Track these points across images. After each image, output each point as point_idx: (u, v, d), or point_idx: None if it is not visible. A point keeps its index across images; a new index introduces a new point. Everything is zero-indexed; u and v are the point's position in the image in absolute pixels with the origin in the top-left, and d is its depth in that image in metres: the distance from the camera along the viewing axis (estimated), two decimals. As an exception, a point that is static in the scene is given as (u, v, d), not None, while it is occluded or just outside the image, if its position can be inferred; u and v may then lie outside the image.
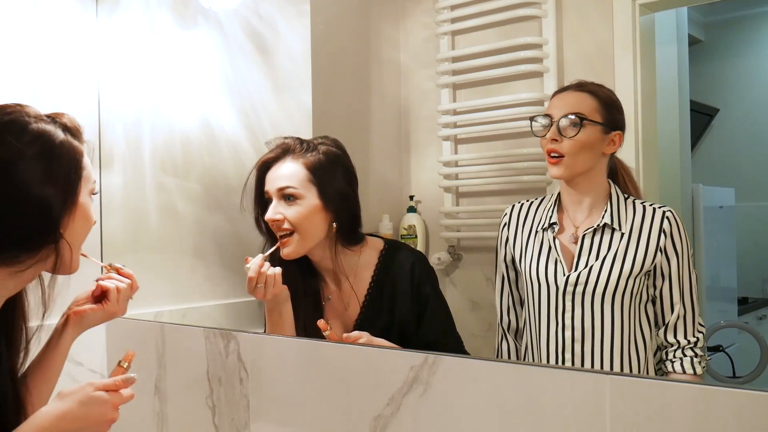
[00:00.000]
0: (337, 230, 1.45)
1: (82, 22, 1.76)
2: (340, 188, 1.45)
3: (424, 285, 1.47)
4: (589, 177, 1.38)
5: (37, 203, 1.00)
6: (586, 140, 1.35)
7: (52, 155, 1.02)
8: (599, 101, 1.36)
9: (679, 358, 1.32)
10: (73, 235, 1.05)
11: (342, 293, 1.49)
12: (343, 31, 2.00)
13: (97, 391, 1.01)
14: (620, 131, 1.37)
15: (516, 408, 1.07)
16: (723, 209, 1.78)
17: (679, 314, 1.33)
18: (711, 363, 1.38)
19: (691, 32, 1.69)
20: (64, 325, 1.21)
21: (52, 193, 1.01)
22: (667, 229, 1.31)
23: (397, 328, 1.45)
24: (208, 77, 1.87)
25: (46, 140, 1.02)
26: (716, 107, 1.85)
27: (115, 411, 1.03)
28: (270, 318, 1.45)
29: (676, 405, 0.92)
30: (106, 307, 1.24)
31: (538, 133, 1.39)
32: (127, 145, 1.82)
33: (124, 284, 1.26)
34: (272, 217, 1.43)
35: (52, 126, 1.04)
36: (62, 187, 1.02)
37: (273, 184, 1.44)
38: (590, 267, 1.33)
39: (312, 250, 1.47)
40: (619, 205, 1.36)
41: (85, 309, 1.22)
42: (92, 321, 1.24)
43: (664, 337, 1.34)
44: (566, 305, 1.35)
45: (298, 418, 1.36)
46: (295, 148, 1.46)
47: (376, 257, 1.49)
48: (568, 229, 1.40)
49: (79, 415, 0.99)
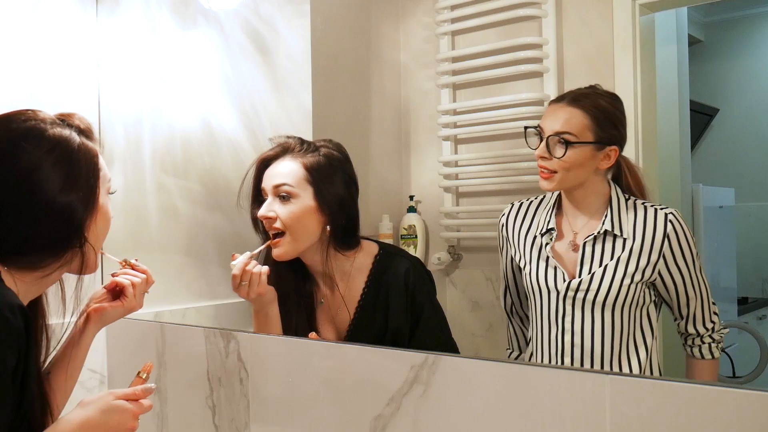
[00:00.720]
0: (331, 234, 1.42)
1: (82, 22, 1.76)
2: (337, 192, 1.43)
3: (419, 293, 1.43)
4: (585, 187, 1.35)
5: (60, 210, 1.00)
6: (576, 160, 1.30)
7: (71, 161, 1.02)
8: (592, 118, 1.30)
9: (698, 345, 1.35)
10: (95, 236, 1.06)
11: (335, 297, 1.47)
12: (343, 31, 2.00)
13: (117, 400, 1.04)
14: (616, 146, 1.32)
15: (516, 408, 1.07)
16: (723, 209, 1.78)
17: (695, 308, 1.33)
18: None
19: (691, 32, 1.69)
20: (85, 322, 1.23)
21: (74, 199, 1.02)
22: (672, 234, 1.29)
23: (390, 336, 1.42)
24: (208, 77, 1.87)
25: (64, 147, 1.02)
26: (716, 107, 1.85)
27: (135, 420, 1.05)
28: (257, 319, 1.44)
29: (676, 405, 0.92)
30: (125, 303, 1.25)
31: (531, 144, 1.36)
32: (127, 145, 1.82)
33: (139, 279, 1.27)
34: (264, 213, 1.41)
35: (68, 130, 1.04)
36: (83, 191, 1.03)
37: (269, 181, 1.43)
38: (593, 273, 1.32)
39: (304, 252, 1.44)
40: (620, 210, 1.33)
41: (105, 306, 1.24)
42: (112, 317, 1.26)
43: (684, 328, 1.35)
44: (566, 309, 1.34)
45: (298, 418, 1.36)
46: (295, 147, 1.44)
47: (370, 262, 1.46)
48: (567, 235, 1.37)
49: (100, 422, 1.01)
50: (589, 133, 1.30)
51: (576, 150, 1.30)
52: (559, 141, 1.30)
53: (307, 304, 1.49)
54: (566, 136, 1.30)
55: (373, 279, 1.45)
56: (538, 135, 1.34)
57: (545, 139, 1.32)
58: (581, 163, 1.31)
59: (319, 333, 1.48)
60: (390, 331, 1.42)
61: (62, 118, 1.06)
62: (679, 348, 1.41)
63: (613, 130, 1.32)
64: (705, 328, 1.34)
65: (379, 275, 1.45)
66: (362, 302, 1.45)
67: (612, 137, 1.32)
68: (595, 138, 1.30)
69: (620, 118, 1.34)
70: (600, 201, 1.35)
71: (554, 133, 1.31)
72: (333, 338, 1.48)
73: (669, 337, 1.46)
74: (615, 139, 1.32)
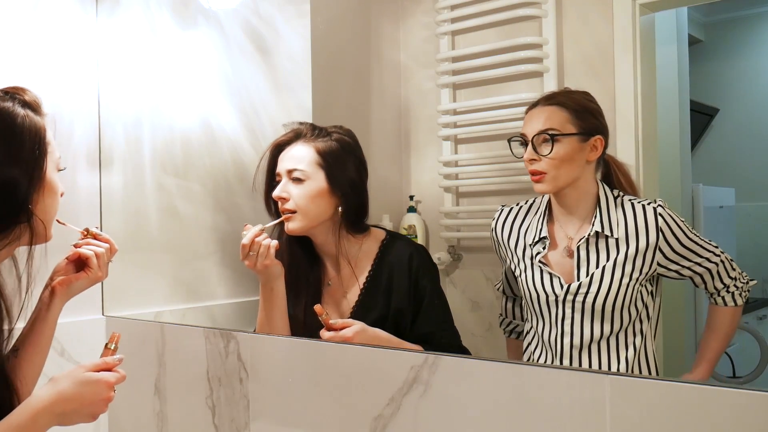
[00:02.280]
0: (343, 215, 1.47)
1: (82, 22, 1.76)
2: (349, 175, 1.48)
3: (423, 277, 1.47)
4: (576, 186, 1.36)
5: (2, 184, 0.99)
6: (564, 154, 1.32)
7: (13, 134, 1.01)
8: (570, 111, 1.33)
9: (722, 295, 1.34)
10: (44, 210, 1.05)
11: (341, 279, 1.51)
12: (343, 31, 2.00)
13: (89, 372, 1.02)
14: (600, 136, 1.34)
15: (516, 408, 1.07)
16: (723, 209, 1.78)
17: (713, 269, 1.33)
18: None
19: (691, 32, 1.69)
20: (51, 295, 1.20)
21: (17, 173, 1.00)
22: (665, 227, 1.30)
23: (392, 318, 1.46)
24: (208, 77, 1.87)
25: (5, 119, 1.01)
26: (716, 107, 1.85)
27: (110, 389, 1.03)
28: (263, 292, 1.48)
29: (676, 405, 0.92)
30: (89, 274, 1.22)
31: (517, 155, 1.38)
32: (127, 145, 1.82)
33: (102, 249, 1.24)
34: (278, 194, 1.46)
35: (11, 103, 1.02)
36: (27, 165, 1.01)
37: (283, 165, 1.48)
38: (591, 275, 1.32)
39: (315, 231, 1.49)
40: (609, 210, 1.34)
41: (69, 278, 1.21)
42: (78, 288, 1.23)
43: (713, 287, 1.34)
44: (566, 313, 1.34)
45: (298, 418, 1.36)
46: (307, 132, 1.50)
47: (377, 247, 1.51)
48: (561, 242, 1.38)
49: (74, 395, 0.99)
50: (570, 125, 1.33)
51: (562, 144, 1.32)
52: (544, 139, 1.33)
53: (315, 285, 1.53)
54: (550, 132, 1.32)
55: (378, 262, 1.50)
56: (523, 143, 1.36)
57: (530, 142, 1.34)
58: (570, 157, 1.33)
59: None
60: (392, 311, 1.46)
61: (7, 91, 1.05)
62: (679, 348, 1.41)
63: (594, 120, 1.35)
64: (730, 278, 1.34)
65: (385, 258, 1.50)
66: (367, 284, 1.49)
67: (594, 127, 1.34)
68: (578, 129, 1.33)
69: (597, 109, 1.37)
70: (590, 202, 1.36)
71: (537, 132, 1.33)
72: (338, 318, 1.49)
73: (669, 337, 1.46)
74: (597, 129, 1.35)
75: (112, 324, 1.75)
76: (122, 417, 1.08)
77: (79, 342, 1.69)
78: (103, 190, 1.79)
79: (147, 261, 1.82)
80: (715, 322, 1.36)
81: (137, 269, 1.77)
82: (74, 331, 1.66)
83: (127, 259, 1.72)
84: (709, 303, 1.37)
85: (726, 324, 1.36)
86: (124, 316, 1.75)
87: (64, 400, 0.99)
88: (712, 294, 1.35)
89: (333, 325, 1.35)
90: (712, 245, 1.32)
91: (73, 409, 1.00)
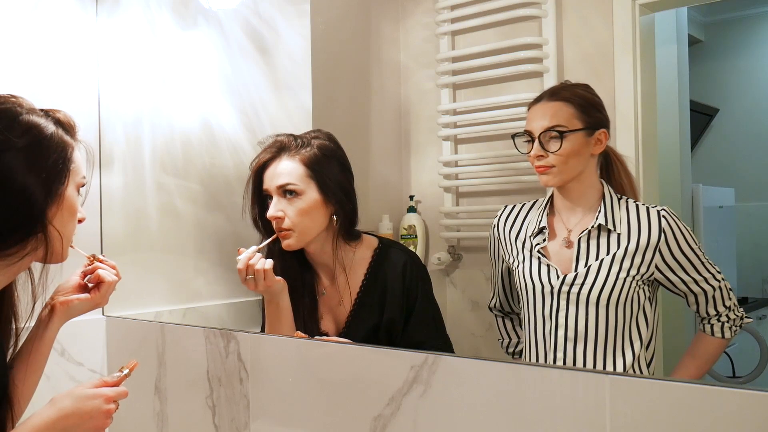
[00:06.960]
0: (338, 223, 1.46)
1: (82, 22, 1.76)
2: (337, 180, 1.46)
3: (415, 286, 1.47)
4: (581, 179, 1.36)
5: (19, 191, 1.00)
6: (572, 149, 1.33)
7: (40, 147, 1.02)
8: (576, 106, 1.34)
9: (712, 323, 1.33)
10: (61, 226, 1.05)
11: (336, 287, 1.50)
12: (343, 31, 2.00)
13: (86, 388, 1.05)
14: (604, 129, 1.36)
15: (516, 408, 1.07)
16: (723, 209, 1.78)
17: (710, 292, 1.32)
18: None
19: (691, 32, 1.69)
20: (50, 314, 1.20)
21: (34, 182, 1.01)
22: (667, 229, 1.30)
23: (385, 326, 1.45)
24: (208, 77, 1.87)
25: (35, 132, 1.02)
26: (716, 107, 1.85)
27: (108, 402, 1.05)
28: (268, 309, 1.47)
29: (676, 405, 0.92)
30: (94, 298, 1.23)
31: (522, 151, 1.38)
32: (127, 145, 1.82)
33: (115, 278, 1.26)
34: (274, 214, 1.44)
35: (44, 119, 1.04)
36: (47, 175, 1.02)
37: (272, 181, 1.45)
38: (588, 267, 1.32)
39: (311, 243, 1.48)
40: (613, 206, 1.35)
41: (71, 299, 1.22)
42: (77, 310, 1.23)
43: (705, 311, 1.33)
44: (561, 305, 1.34)
45: (298, 418, 1.36)
46: (290, 145, 1.47)
47: (370, 255, 1.50)
48: (560, 233, 1.39)
49: (74, 411, 1.02)
50: (577, 121, 1.34)
51: (570, 140, 1.33)
52: (552, 136, 1.33)
53: (310, 296, 1.52)
54: (558, 128, 1.33)
55: (372, 271, 1.49)
56: (528, 140, 1.36)
57: (537, 139, 1.34)
58: (577, 151, 1.34)
59: (321, 324, 1.51)
60: (385, 319, 1.45)
61: (46, 110, 1.06)
62: (679, 348, 1.41)
63: (598, 114, 1.36)
64: (725, 306, 1.32)
65: (378, 266, 1.49)
66: (361, 293, 1.48)
67: (598, 120, 1.36)
68: (584, 124, 1.34)
69: (599, 102, 1.38)
70: (595, 195, 1.37)
71: (545, 129, 1.34)
72: (333, 329, 1.50)
73: (669, 337, 1.46)
74: (601, 122, 1.36)
75: (113, 324, 1.76)
76: (122, 417, 1.08)
77: (79, 342, 1.69)
78: (103, 190, 1.79)
79: (147, 261, 1.82)
80: (698, 349, 1.36)
81: (137, 269, 1.77)
82: (74, 331, 1.65)
83: (127, 259, 1.72)
84: (698, 329, 1.36)
85: (708, 354, 1.35)
86: (124, 316, 1.75)
87: (64, 417, 1.01)
88: (703, 319, 1.34)
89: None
90: (715, 269, 1.32)
91: (74, 423, 1.02)
